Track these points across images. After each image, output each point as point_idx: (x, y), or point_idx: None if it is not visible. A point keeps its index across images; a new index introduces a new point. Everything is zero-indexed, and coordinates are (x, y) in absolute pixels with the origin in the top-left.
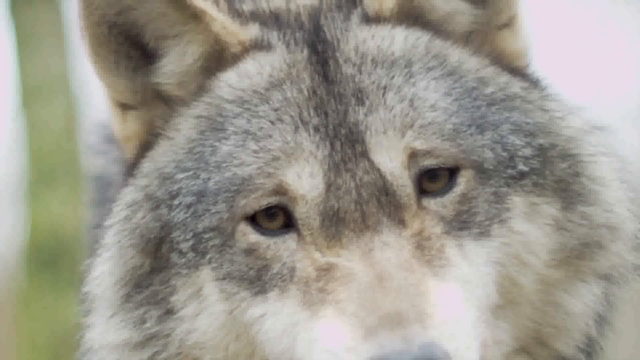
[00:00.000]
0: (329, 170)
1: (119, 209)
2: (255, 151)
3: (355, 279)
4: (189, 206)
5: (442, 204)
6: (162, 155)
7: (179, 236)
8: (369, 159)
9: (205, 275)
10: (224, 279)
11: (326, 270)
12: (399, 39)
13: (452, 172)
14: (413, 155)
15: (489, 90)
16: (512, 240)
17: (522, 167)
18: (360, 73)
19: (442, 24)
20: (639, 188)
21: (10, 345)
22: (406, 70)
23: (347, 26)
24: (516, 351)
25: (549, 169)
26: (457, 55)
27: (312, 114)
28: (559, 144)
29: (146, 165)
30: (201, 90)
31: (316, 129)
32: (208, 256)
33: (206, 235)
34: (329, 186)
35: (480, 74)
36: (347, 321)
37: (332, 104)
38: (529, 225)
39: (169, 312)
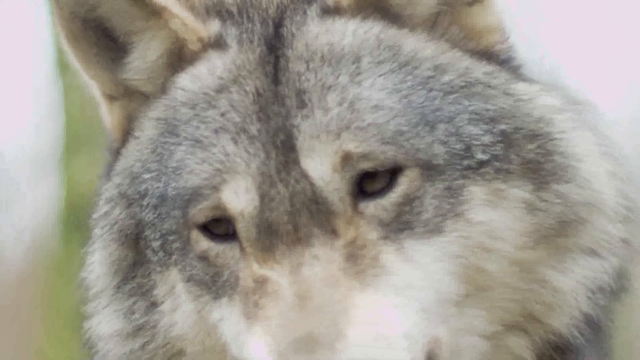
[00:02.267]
0: (263, 182)
1: (101, 203)
2: (202, 160)
3: (280, 296)
4: (155, 207)
5: (382, 207)
6: (131, 154)
7: (150, 235)
8: (300, 166)
9: (175, 275)
10: (188, 281)
11: (261, 283)
12: (349, 33)
13: (394, 173)
14: (347, 159)
15: (446, 78)
16: (472, 231)
17: (480, 155)
18: (308, 72)
19: (405, 8)
20: (624, 160)
21: (42, 311)
22: (354, 67)
23: (304, 20)
24: (509, 328)
25: (515, 152)
26: (413, 43)
27: (254, 119)
28: (525, 126)
29: (120, 163)
30: (162, 89)
31: (255, 137)
32: (174, 257)
33: (170, 238)
34: (263, 198)
35: (438, 61)
36: (266, 342)
37: (275, 107)
38: (494, 213)
39: (154, 304)
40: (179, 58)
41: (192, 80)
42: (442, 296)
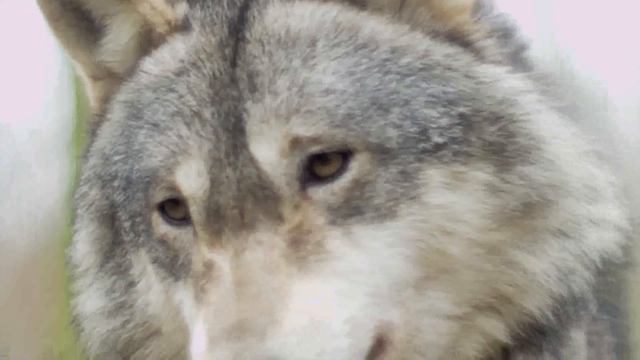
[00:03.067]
0: (213, 166)
1: (80, 184)
2: (159, 143)
3: (222, 281)
4: (124, 189)
5: (331, 192)
6: (103, 136)
7: (122, 216)
8: (248, 150)
9: (144, 256)
10: (154, 262)
11: (208, 268)
12: (307, 16)
13: (346, 158)
14: (297, 143)
15: (404, 60)
16: (429, 215)
17: (437, 139)
18: (263, 55)
19: None
20: (599, 140)
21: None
22: (308, 50)
23: (267, 3)
24: (479, 309)
25: (476, 135)
26: (371, 25)
27: (208, 103)
28: (486, 108)
29: (95, 144)
30: (131, 72)
31: (207, 121)
32: (141, 239)
33: (137, 220)
34: (213, 182)
35: (397, 44)
36: (204, 328)
37: (229, 90)
38: (454, 195)
39: (131, 283)
40: (148, 41)
41: (155, 64)
42: (396, 280)
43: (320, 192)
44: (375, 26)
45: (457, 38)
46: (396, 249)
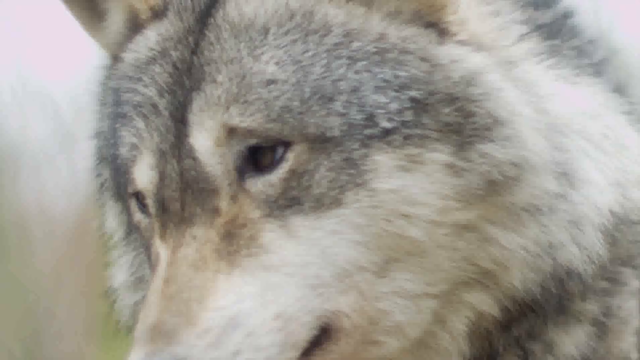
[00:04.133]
0: (161, 159)
1: (95, 162)
2: (126, 134)
3: (156, 277)
4: (116, 173)
5: (269, 183)
6: (102, 118)
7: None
8: (188, 141)
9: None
10: (142, 246)
11: (156, 261)
12: (262, 3)
13: (285, 147)
14: (233, 133)
15: (357, 44)
16: (380, 200)
17: (386, 124)
18: (217, 43)
19: None
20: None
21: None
22: (259, 38)
23: None
24: (463, 285)
25: (430, 117)
26: (325, 9)
27: (165, 93)
28: (441, 90)
29: (97, 125)
30: (116, 59)
31: (161, 112)
32: (135, 222)
33: (129, 203)
34: (161, 175)
35: (350, 27)
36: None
37: (184, 79)
38: (409, 178)
39: (149, 258)
40: (135, 27)
41: (130, 52)
42: (344, 267)
43: (259, 184)
44: (330, 10)
45: (421, 18)
46: (343, 236)
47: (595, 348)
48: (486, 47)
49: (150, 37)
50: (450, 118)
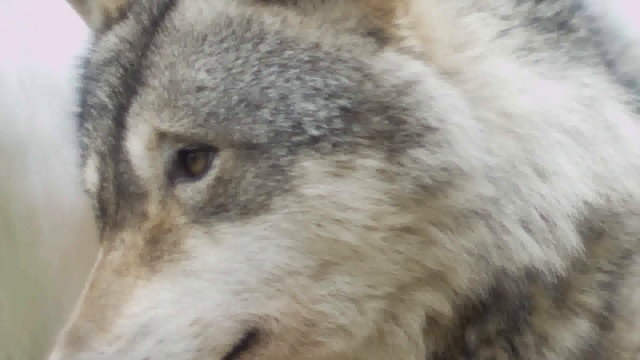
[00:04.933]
0: (102, 160)
1: None
2: (81, 134)
3: (86, 281)
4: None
5: (197, 190)
6: (71, 118)
7: None
8: (125, 144)
9: None
10: None
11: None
12: (204, 10)
13: (212, 154)
14: (163, 138)
15: (289, 52)
16: (308, 205)
17: (314, 132)
18: (161, 47)
19: None
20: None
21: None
22: (196, 45)
23: None
24: (413, 286)
25: (360, 125)
26: (263, 18)
27: (113, 95)
28: (371, 99)
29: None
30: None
31: (107, 114)
32: None
33: None
34: (102, 177)
35: (284, 35)
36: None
37: (130, 82)
38: (340, 184)
39: None
40: (106, 28)
41: (95, 52)
42: (272, 272)
43: (188, 190)
44: (267, 19)
45: (369, 23)
46: (271, 241)
47: (598, 341)
48: (433, 52)
49: (111, 39)
50: (381, 126)
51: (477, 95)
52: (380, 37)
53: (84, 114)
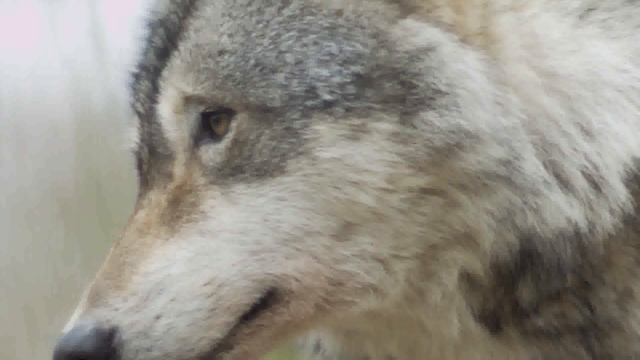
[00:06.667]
0: (141, 122)
1: None
2: (129, 93)
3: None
4: None
5: (217, 151)
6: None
7: None
8: (156, 107)
9: None
10: None
11: None
12: None
13: (231, 117)
14: (188, 101)
15: (310, 18)
16: (322, 168)
17: (327, 96)
18: (196, 11)
19: None
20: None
21: None
22: (226, 7)
23: None
24: (445, 246)
25: (373, 91)
26: None
27: (155, 58)
28: (385, 65)
29: None
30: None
31: (148, 76)
32: None
33: None
34: (141, 139)
35: (309, 1)
36: None
37: (168, 45)
38: (354, 147)
39: None
40: None
41: (152, 13)
42: (290, 233)
43: (211, 152)
44: None
45: None
46: (287, 202)
47: None
48: (463, 19)
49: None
50: (393, 91)
51: (516, 56)
52: (404, 4)
53: (137, 75)
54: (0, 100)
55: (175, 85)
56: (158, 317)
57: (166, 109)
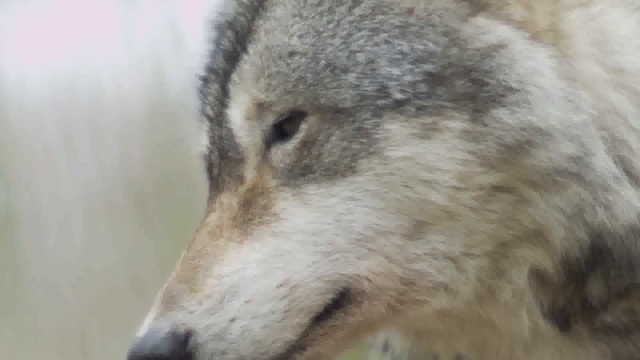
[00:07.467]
0: (211, 126)
1: None
2: (198, 97)
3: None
4: None
5: (286, 153)
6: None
7: None
8: (226, 112)
9: None
10: None
11: None
12: None
13: (301, 118)
14: (262, 108)
15: (381, 17)
16: (394, 167)
17: (398, 95)
18: (267, 11)
19: None
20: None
21: None
22: (297, 7)
23: None
24: (516, 243)
25: (444, 89)
26: None
27: (224, 61)
28: (456, 63)
29: None
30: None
31: (217, 80)
32: None
33: None
34: (211, 142)
35: (379, 0)
36: None
37: (237, 48)
38: (425, 146)
39: None
40: None
41: (221, 15)
42: (362, 232)
43: (279, 153)
44: None
45: None
46: (359, 202)
47: None
48: (533, 16)
49: (233, 1)
50: (464, 89)
51: (585, 52)
52: (475, 2)
53: (206, 78)
54: (78, 96)
55: (246, 91)
56: (233, 320)
57: (237, 114)
